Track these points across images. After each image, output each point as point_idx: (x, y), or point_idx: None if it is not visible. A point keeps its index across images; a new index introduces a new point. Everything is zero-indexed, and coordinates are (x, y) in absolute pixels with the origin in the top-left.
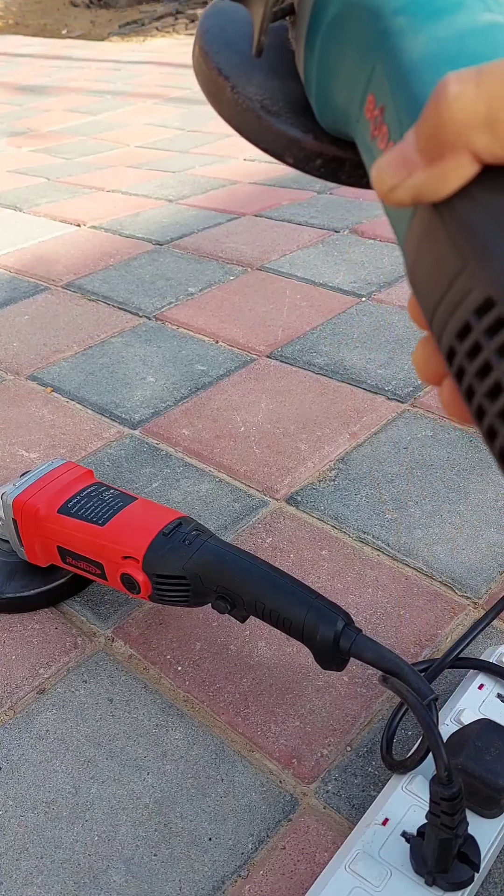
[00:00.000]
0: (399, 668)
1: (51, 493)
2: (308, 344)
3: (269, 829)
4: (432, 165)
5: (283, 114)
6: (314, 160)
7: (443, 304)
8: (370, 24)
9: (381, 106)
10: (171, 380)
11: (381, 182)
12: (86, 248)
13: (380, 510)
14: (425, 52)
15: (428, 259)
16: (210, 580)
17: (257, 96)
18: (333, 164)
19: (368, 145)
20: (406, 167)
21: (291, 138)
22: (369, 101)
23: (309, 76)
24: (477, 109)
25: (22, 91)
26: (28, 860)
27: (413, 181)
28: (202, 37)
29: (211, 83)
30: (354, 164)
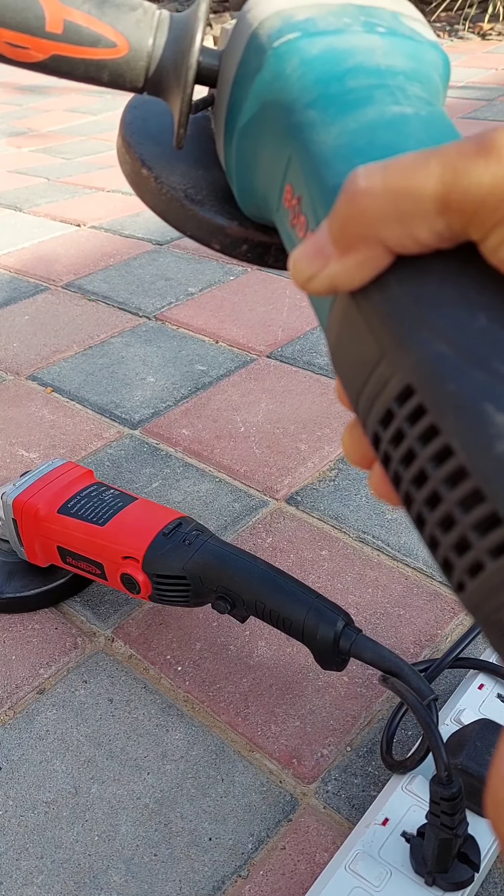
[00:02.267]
0: (399, 668)
1: (51, 493)
2: (308, 344)
3: (269, 829)
4: (346, 256)
5: (207, 202)
6: (240, 246)
7: (365, 391)
8: (284, 118)
9: (298, 196)
10: (171, 380)
11: (298, 273)
12: (86, 248)
13: (380, 510)
14: (337, 143)
15: (348, 346)
16: (210, 580)
17: (181, 186)
18: (259, 249)
19: (289, 233)
20: (321, 258)
21: (217, 226)
22: (287, 191)
23: (229, 167)
24: (385, 203)
25: (22, 91)
26: (28, 860)
27: (328, 272)
28: (125, 129)
29: (135, 174)
30: (280, 249)
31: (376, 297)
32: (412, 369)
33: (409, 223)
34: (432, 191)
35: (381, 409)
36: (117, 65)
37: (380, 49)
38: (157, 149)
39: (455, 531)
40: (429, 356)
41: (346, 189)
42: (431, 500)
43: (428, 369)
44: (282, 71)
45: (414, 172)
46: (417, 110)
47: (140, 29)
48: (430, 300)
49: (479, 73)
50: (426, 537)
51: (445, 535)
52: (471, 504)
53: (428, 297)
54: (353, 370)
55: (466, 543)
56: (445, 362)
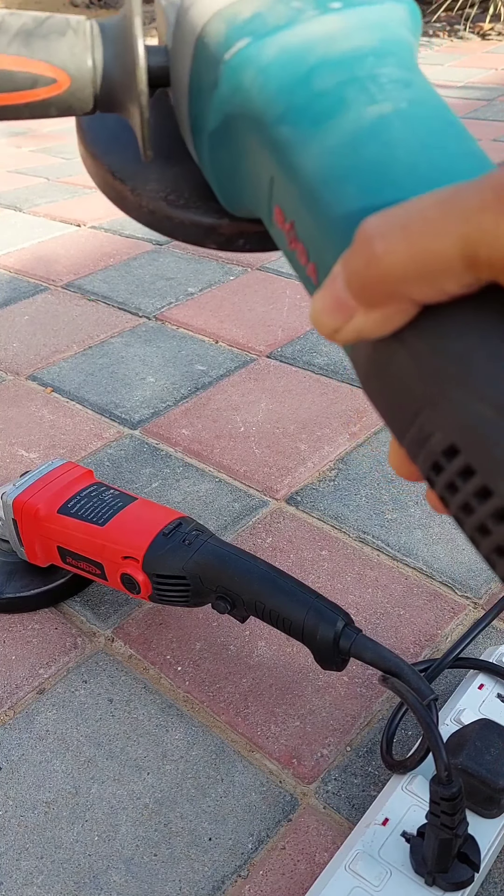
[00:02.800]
0: (399, 668)
1: (51, 493)
2: (308, 344)
3: (269, 829)
4: (371, 311)
5: (191, 204)
6: (236, 241)
7: (408, 436)
8: (256, 132)
9: (291, 222)
10: (171, 380)
11: (321, 326)
12: (86, 248)
13: (380, 510)
14: (321, 165)
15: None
16: (210, 580)
17: (160, 193)
18: (256, 237)
19: (289, 254)
20: (343, 312)
21: (208, 227)
22: (277, 213)
23: (205, 169)
24: (408, 265)
25: None
26: (28, 860)
27: (354, 325)
28: (85, 137)
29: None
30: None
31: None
32: (454, 431)
33: (436, 281)
34: (459, 252)
35: (429, 459)
36: (62, 99)
37: (339, 31)
38: (125, 154)
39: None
40: (470, 420)
41: (362, 250)
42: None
43: (471, 435)
44: (240, 84)
45: (436, 234)
46: (396, 104)
47: (75, 55)
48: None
49: (479, 73)
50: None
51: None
52: None
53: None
54: (391, 411)
55: None
56: (488, 426)
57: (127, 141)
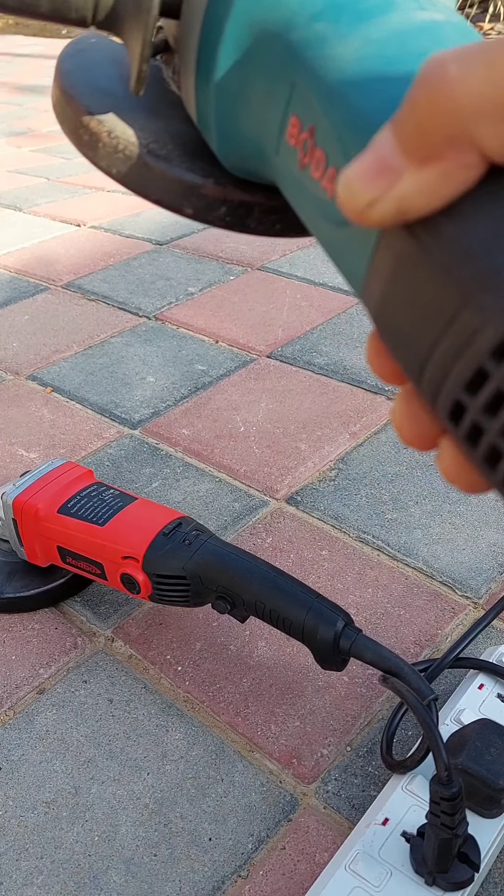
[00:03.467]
0: (399, 668)
1: (51, 493)
2: (308, 344)
3: (269, 829)
4: (425, 167)
5: (174, 158)
6: (217, 208)
7: (438, 353)
8: (282, 38)
9: (311, 127)
10: (171, 380)
11: (353, 197)
12: (86, 248)
13: (380, 510)
14: (360, 55)
15: (407, 298)
16: (210, 580)
17: (141, 139)
18: (241, 210)
19: (297, 177)
20: (386, 175)
21: (189, 185)
22: (292, 125)
23: (205, 111)
24: (488, 93)
25: (22, 91)
26: (28, 860)
27: (399, 191)
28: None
29: (81, 129)
30: (265, 210)
31: (452, 226)
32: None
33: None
34: None
35: (467, 370)
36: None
37: None
38: (106, 100)
39: None
40: None
41: (430, 78)
42: None
43: None
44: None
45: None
46: (448, 17)
47: None
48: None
49: None
50: None
51: None
52: None
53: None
54: (416, 328)
55: None
56: None
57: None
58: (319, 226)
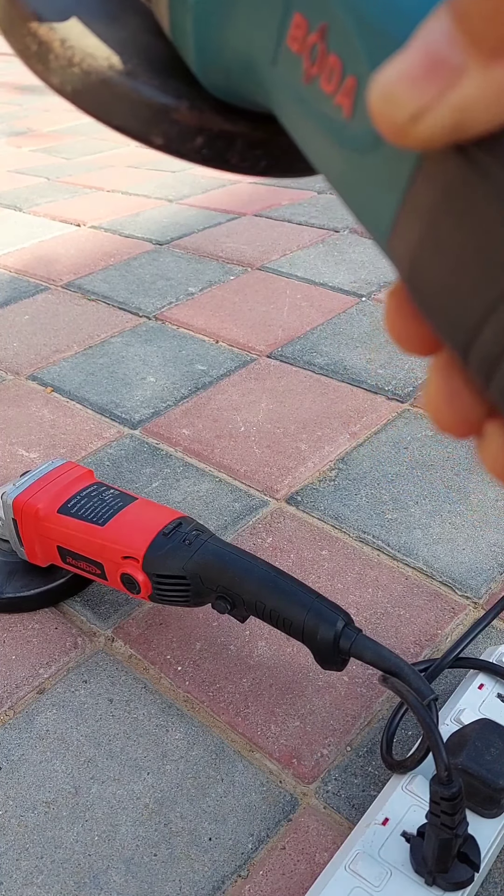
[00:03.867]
0: (399, 668)
1: (51, 493)
2: (308, 344)
3: (269, 829)
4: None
5: (140, 75)
6: (193, 138)
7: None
8: None
9: (321, 27)
10: (171, 380)
11: (394, 108)
12: (86, 248)
13: (380, 510)
14: None
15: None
16: (210, 580)
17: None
18: (220, 142)
19: (300, 94)
20: (440, 76)
21: (159, 107)
22: (295, 26)
23: (179, 18)
24: None
25: (22, 91)
26: (28, 860)
27: (457, 97)
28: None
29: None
30: (250, 142)
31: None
32: None
33: None
34: None
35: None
36: None
37: None
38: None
39: None
40: None
41: None
42: None
43: None
44: None
45: None
46: None
47: None
48: None
49: None
50: None
51: None
52: None
53: None
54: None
55: None
56: None
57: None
58: (329, 156)
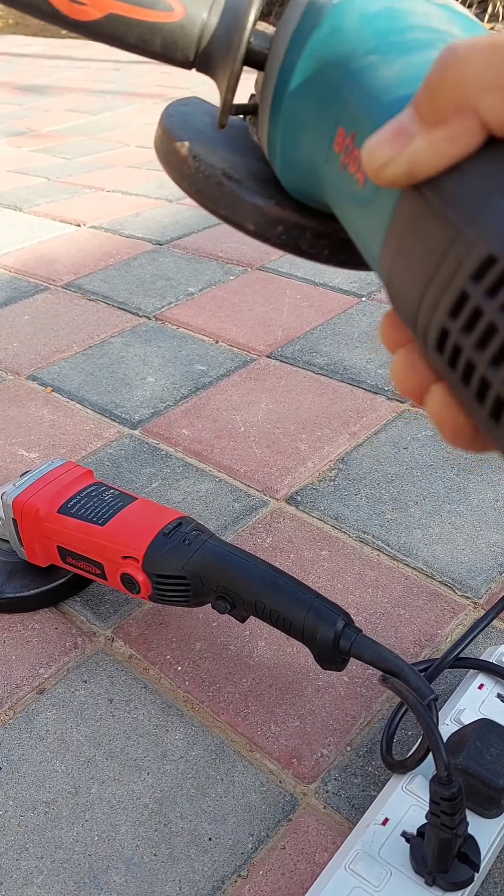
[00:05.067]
0: (399, 668)
1: (51, 493)
2: (308, 344)
3: (269, 829)
4: (434, 130)
5: (245, 182)
6: (275, 227)
7: (431, 287)
8: (341, 68)
9: (353, 133)
10: (171, 380)
11: (373, 157)
12: (86, 248)
13: (380, 510)
14: (401, 73)
15: (413, 248)
16: (210, 580)
17: (219, 165)
18: (295, 231)
19: (338, 177)
20: (401, 138)
21: (253, 205)
22: (339, 134)
23: (273, 139)
24: (488, 68)
25: (22, 91)
26: (28, 860)
27: (410, 151)
28: (165, 119)
29: (172, 155)
30: (316, 234)
31: (451, 181)
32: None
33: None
34: None
35: (452, 297)
36: (171, 30)
37: (436, 15)
38: (198, 135)
39: None
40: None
41: (442, 58)
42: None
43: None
44: (340, 25)
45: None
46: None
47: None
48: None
49: None
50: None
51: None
52: None
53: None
54: (417, 271)
55: None
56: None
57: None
58: (351, 215)
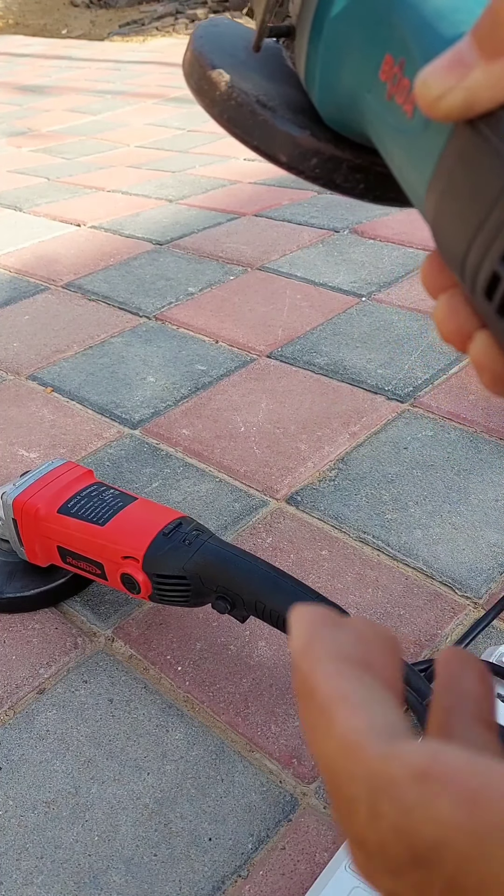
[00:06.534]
0: None
1: (51, 493)
2: (308, 344)
3: (269, 829)
4: (494, 61)
5: (279, 111)
6: (309, 159)
7: (483, 231)
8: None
9: (402, 60)
10: (171, 380)
11: (428, 88)
12: (86, 248)
13: (380, 510)
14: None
15: (464, 186)
16: (210, 580)
17: (253, 92)
18: (330, 164)
19: (383, 108)
20: (459, 68)
21: (287, 134)
22: (385, 62)
23: (312, 66)
24: None
25: (22, 91)
26: (28, 860)
27: (469, 82)
28: (195, 41)
29: (203, 80)
30: (352, 167)
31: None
32: None
33: None
34: None
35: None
36: None
37: None
38: (230, 59)
39: None
40: None
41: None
42: None
43: None
44: None
45: None
46: None
47: None
48: None
49: None
50: None
51: None
52: None
53: None
54: (467, 212)
55: None
56: None
57: (234, 54)
58: (396, 149)
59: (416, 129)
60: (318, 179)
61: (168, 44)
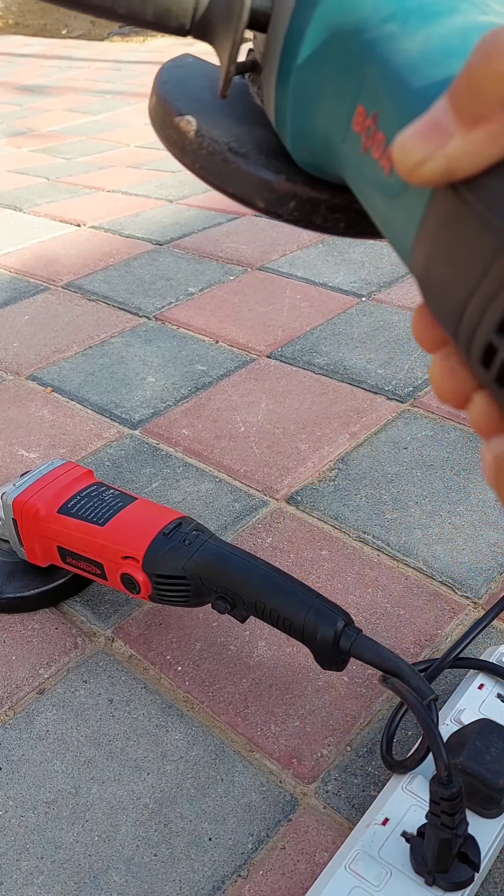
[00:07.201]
0: (399, 668)
1: (51, 493)
2: (308, 344)
3: (269, 829)
4: (474, 129)
5: (252, 156)
6: (287, 203)
7: (474, 299)
8: (356, 38)
9: (374, 113)
10: (171, 380)
11: (406, 155)
12: (86, 248)
13: (380, 510)
14: (425, 48)
15: (451, 252)
16: (210, 580)
17: (223, 139)
18: (308, 206)
19: (359, 161)
20: (437, 135)
21: (262, 180)
22: (358, 114)
23: (282, 110)
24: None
25: (22, 91)
26: (28, 860)
27: (448, 150)
28: (160, 87)
29: (172, 129)
30: (330, 207)
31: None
32: None
33: None
34: None
35: (499, 310)
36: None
37: None
38: (197, 104)
39: None
40: None
41: (486, 46)
42: None
43: None
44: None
45: None
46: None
47: None
48: None
49: None
50: None
51: None
52: None
53: None
54: (457, 278)
55: None
56: None
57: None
58: (376, 203)
59: (396, 186)
60: (298, 222)
61: (168, 44)
